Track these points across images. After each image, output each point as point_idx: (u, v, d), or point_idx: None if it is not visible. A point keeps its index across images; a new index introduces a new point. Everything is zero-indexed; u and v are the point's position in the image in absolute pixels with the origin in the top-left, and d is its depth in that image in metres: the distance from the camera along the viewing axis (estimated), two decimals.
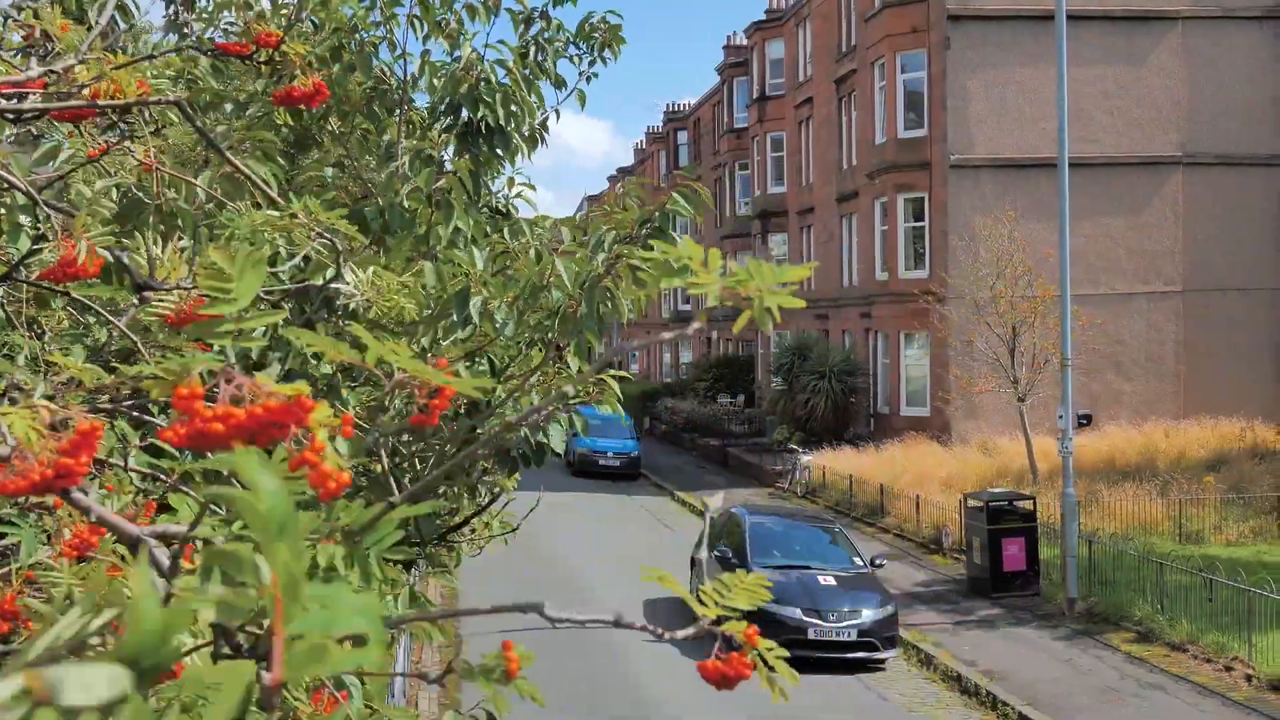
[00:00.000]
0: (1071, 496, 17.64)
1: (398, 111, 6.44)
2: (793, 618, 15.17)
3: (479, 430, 5.86)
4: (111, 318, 2.37)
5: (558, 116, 7.60)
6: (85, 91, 2.26)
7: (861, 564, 16.75)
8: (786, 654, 1.53)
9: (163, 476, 2.25)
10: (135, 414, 2.16)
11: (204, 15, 5.41)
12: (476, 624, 17.38)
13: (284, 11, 6.75)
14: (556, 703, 13.77)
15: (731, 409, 44.49)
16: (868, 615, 15.29)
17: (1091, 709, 13.48)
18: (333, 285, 2.96)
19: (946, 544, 22.20)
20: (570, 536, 25.80)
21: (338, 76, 6.07)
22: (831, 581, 15.87)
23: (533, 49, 7.26)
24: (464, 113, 5.42)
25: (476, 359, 5.41)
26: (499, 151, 5.41)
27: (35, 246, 2.56)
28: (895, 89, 33.65)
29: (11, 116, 2.33)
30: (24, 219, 2.58)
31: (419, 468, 6.55)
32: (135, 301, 2.20)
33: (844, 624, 15.15)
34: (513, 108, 5.39)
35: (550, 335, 5.72)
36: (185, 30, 6.58)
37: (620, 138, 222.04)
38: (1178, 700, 13.52)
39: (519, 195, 6.71)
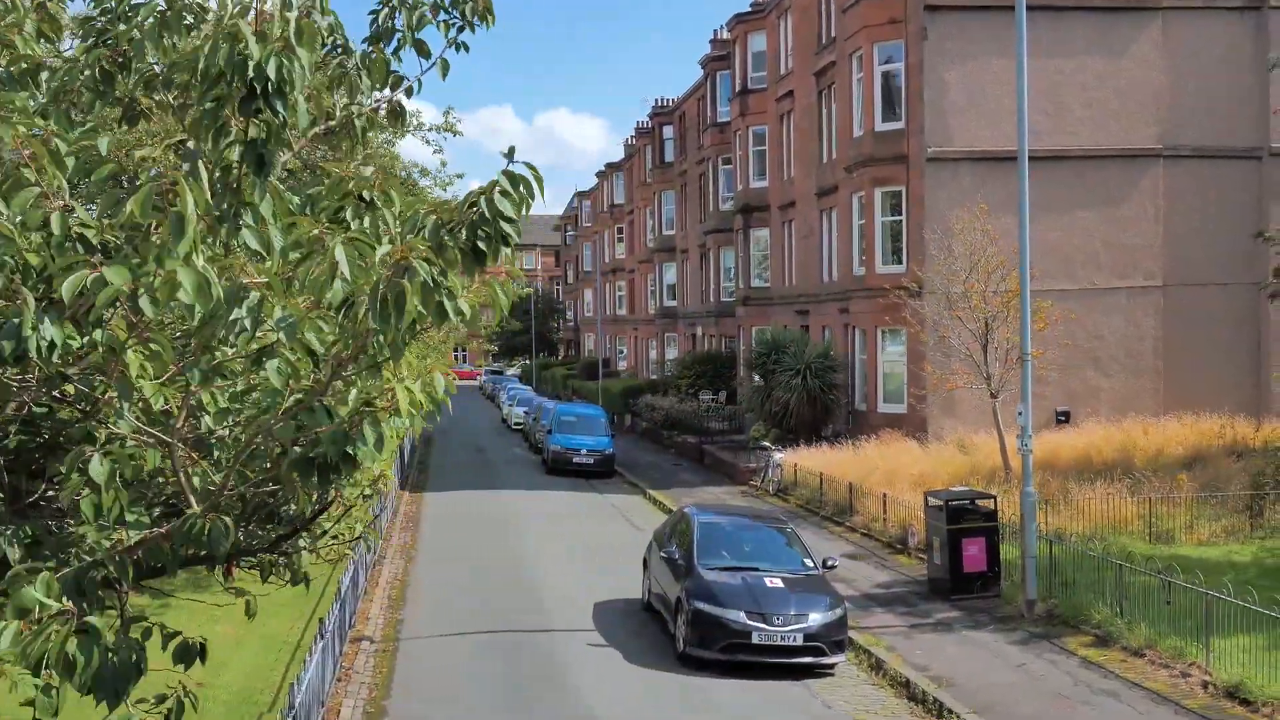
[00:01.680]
0: (1031, 495, 17.12)
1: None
2: (736, 621, 14.66)
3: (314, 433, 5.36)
4: None
5: (419, 86, 7.09)
6: None
7: (812, 565, 16.22)
8: None
9: None
10: None
11: None
12: (416, 626, 16.92)
13: None
14: (492, 704, 13.29)
15: (713, 405, 44.04)
16: (815, 619, 14.77)
17: (1039, 717, 12.99)
18: None
19: (912, 544, 21.71)
20: (532, 535, 25.36)
21: (149, 34, 5.56)
22: (779, 584, 15.35)
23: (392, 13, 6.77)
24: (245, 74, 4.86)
25: (266, 358, 4.91)
26: (281, 115, 4.85)
27: None
28: (873, 81, 33.15)
29: None
30: None
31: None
32: None
33: (789, 628, 14.63)
34: (295, 67, 4.83)
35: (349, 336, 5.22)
36: None
37: (616, 135, 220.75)
38: (1129, 708, 13.02)
39: (377, 186, 6.18)
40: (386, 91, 6.94)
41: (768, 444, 32.68)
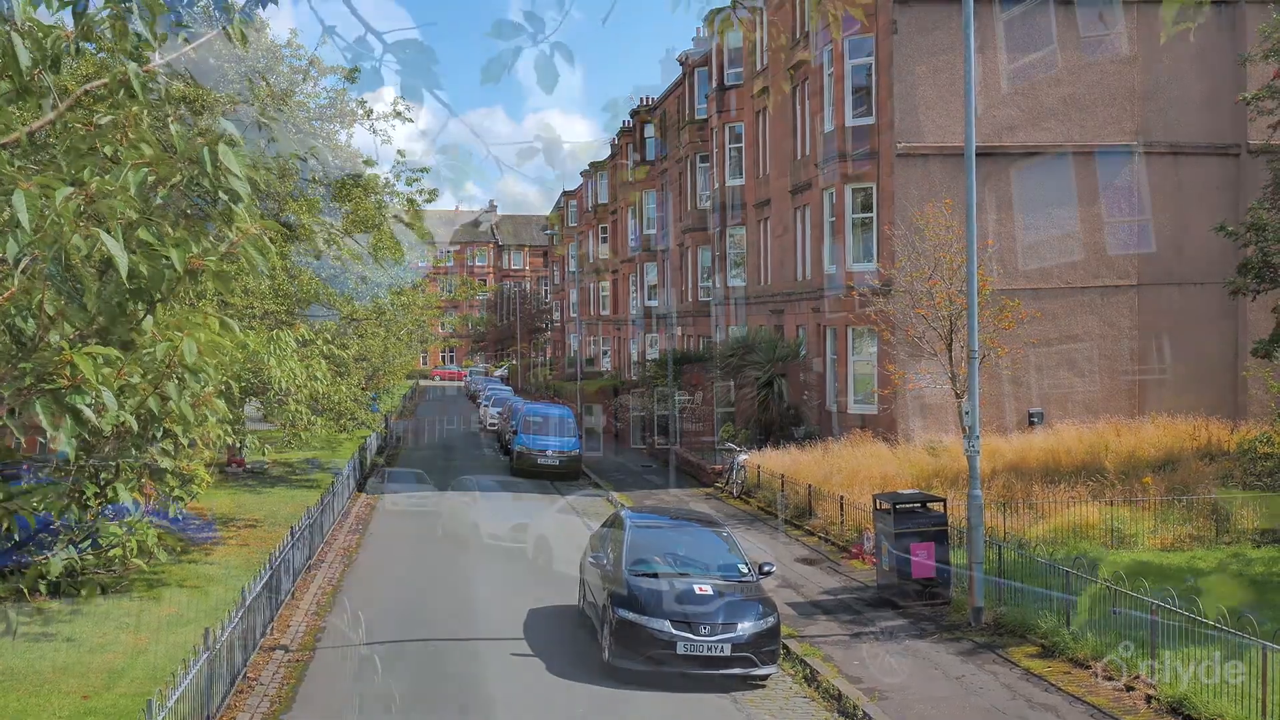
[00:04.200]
0: (977, 498, 16.42)
1: None
2: (661, 630, 13.94)
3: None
4: None
5: (264, 25, 6.43)
6: None
7: (747, 571, 15.50)
8: None
9: None
10: None
11: None
12: (337, 634, 16.22)
13: None
14: (409, 706, 12.59)
15: (689, 405, 43.28)
16: (744, 628, 14.06)
17: None
18: None
19: (867, 548, 21.00)
20: (481, 538, 24.60)
21: None
22: (708, 591, 14.62)
23: None
24: None
25: None
26: None
27: None
28: (844, 75, 32.47)
29: None
30: None
31: None
32: None
33: (717, 638, 13.92)
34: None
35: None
36: None
37: (608, 135, 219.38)
38: None
39: (124, 140, 5.45)
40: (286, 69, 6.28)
41: (733, 445, 31.99)
